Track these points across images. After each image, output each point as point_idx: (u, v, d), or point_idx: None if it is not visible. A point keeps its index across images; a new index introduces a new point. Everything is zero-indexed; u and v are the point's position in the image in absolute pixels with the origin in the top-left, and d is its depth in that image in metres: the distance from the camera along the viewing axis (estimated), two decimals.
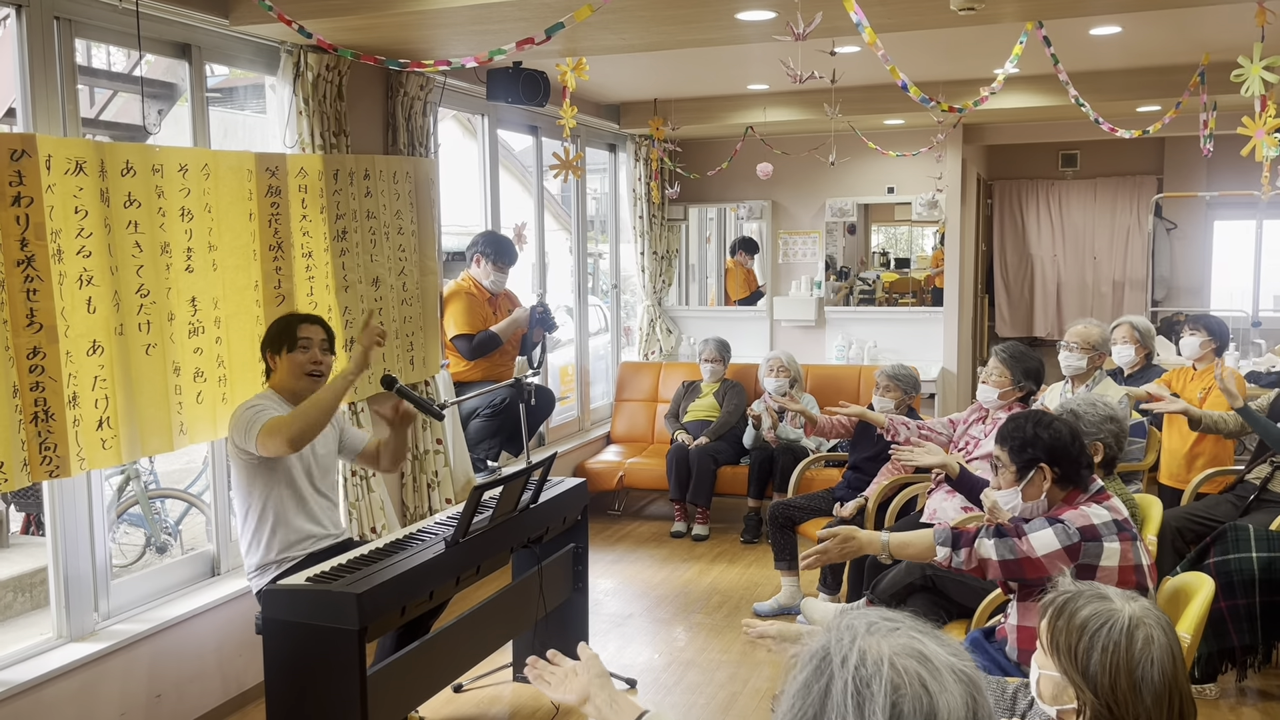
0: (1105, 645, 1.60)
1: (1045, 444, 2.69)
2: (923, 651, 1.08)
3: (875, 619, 1.13)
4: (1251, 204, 8.03)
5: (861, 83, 5.97)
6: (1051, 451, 2.69)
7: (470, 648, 3.41)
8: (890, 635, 1.10)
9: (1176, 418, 4.67)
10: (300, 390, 3.33)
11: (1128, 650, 1.58)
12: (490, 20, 3.75)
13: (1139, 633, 1.60)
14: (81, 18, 3.31)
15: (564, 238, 9.29)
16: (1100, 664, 1.59)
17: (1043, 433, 2.71)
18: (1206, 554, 3.73)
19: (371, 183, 4.37)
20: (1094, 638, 1.61)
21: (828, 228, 8.00)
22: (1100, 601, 1.66)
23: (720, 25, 3.88)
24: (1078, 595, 1.69)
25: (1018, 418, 2.82)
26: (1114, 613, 1.63)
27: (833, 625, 1.13)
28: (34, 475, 2.95)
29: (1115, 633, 1.60)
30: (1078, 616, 1.64)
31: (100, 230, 3.12)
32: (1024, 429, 2.74)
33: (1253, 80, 3.70)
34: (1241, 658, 3.75)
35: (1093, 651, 1.60)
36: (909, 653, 1.07)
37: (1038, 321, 9.36)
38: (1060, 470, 2.70)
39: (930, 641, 1.09)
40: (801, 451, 5.87)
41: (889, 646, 1.08)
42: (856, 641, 1.09)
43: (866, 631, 1.10)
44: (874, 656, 1.07)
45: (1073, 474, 2.71)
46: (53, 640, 3.33)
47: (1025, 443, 2.71)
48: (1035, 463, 2.70)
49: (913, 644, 1.09)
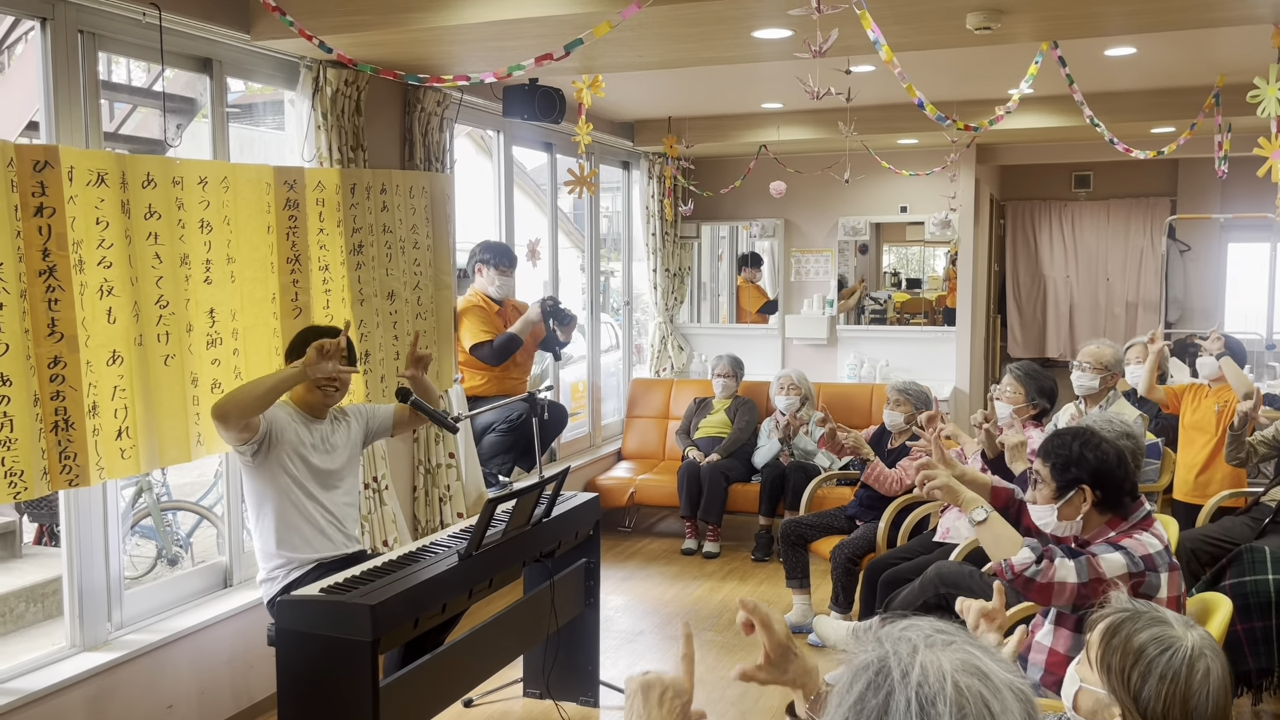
0: (1164, 673, 1.56)
1: (1090, 465, 2.57)
2: (982, 669, 1.04)
3: (930, 630, 1.08)
4: (1266, 226, 8.01)
5: (875, 102, 6.00)
6: (1096, 474, 2.57)
7: (482, 662, 3.41)
8: (949, 649, 1.05)
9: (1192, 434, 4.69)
10: (314, 402, 3.34)
11: (1186, 681, 1.55)
12: (509, 36, 3.78)
13: (1199, 664, 1.56)
14: (105, 31, 3.35)
15: (575, 255, 9.32)
16: (1156, 691, 1.56)
17: (1089, 453, 2.58)
18: (1222, 576, 3.71)
19: (388, 197, 4.39)
20: (1151, 664, 1.57)
21: (840, 246, 8.01)
22: (1160, 626, 1.62)
23: (737, 43, 3.91)
24: (1136, 616, 1.65)
25: (1064, 434, 2.68)
26: (1174, 640, 1.59)
27: (886, 635, 1.08)
28: (54, 484, 2.97)
29: (1176, 662, 1.56)
30: (1135, 639, 1.60)
31: (121, 241, 3.14)
32: (1070, 447, 2.61)
33: (1269, 101, 3.71)
34: (1258, 681, 3.71)
35: (1149, 677, 1.57)
36: (970, 670, 1.03)
37: (1050, 342, 9.33)
38: (1102, 494, 2.58)
39: (987, 657, 1.05)
40: (813, 469, 5.86)
41: (949, 662, 1.03)
42: (918, 655, 1.04)
43: (926, 645, 1.05)
44: (936, 673, 1.02)
45: (1114, 500, 2.59)
46: (66, 649, 3.34)
47: (1069, 461, 2.59)
48: (1077, 483, 2.58)
49: (972, 660, 1.04)
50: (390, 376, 4.40)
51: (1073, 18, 3.63)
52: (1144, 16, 3.60)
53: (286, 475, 3.26)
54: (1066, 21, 3.70)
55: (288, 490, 3.27)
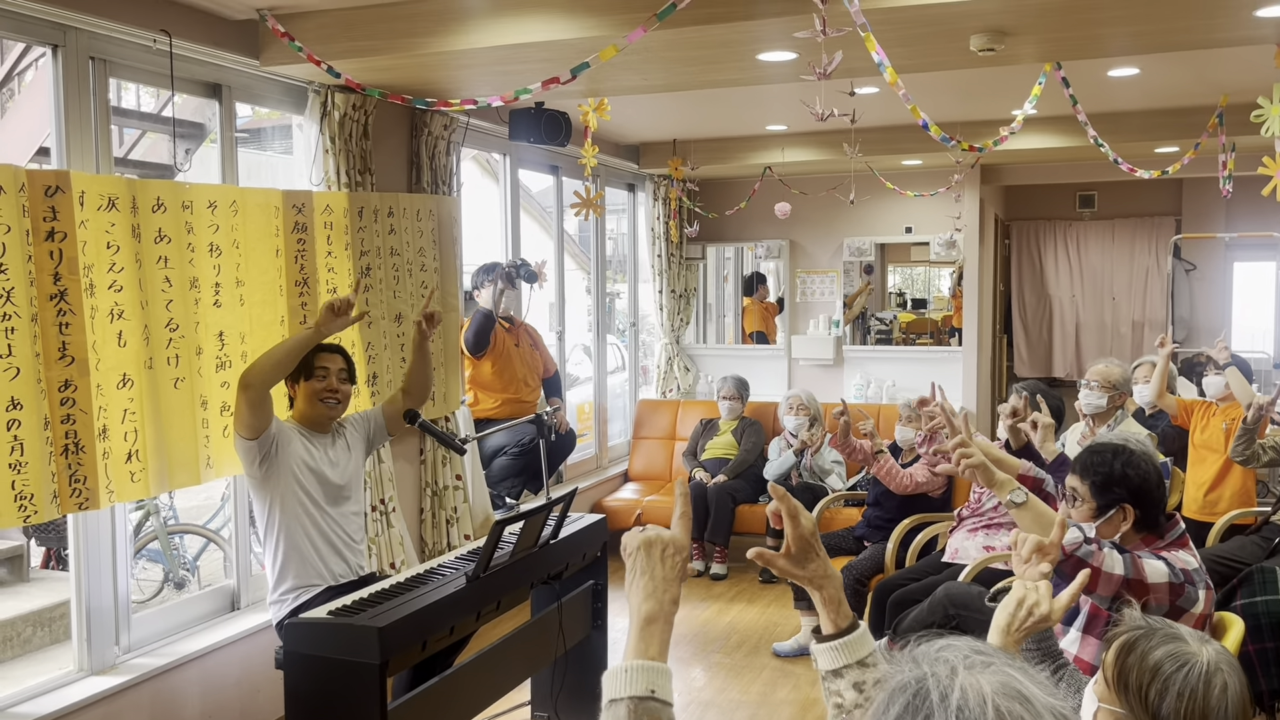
0: (1181, 690, 1.55)
1: (1133, 484, 2.51)
2: (1024, 692, 1.01)
3: (969, 651, 1.05)
4: (1272, 245, 8.02)
5: (879, 123, 6.02)
6: (1138, 493, 2.51)
7: (490, 684, 3.39)
8: (988, 671, 1.02)
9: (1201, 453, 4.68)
10: (316, 417, 3.36)
11: (1204, 698, 1.54)
12: (515, 61, 3.82)
13: (1216, 679, 1.55)
14: (116, 58, 3.39)
15: (581, 277, 9.35)
16: (1174, 709, 1.54)
17: (1131, 471, 2.52)
18: (1233, 596, 3.69)
19: (395, 220, 4.42)
20: (1169, 681, 1.56)
21: (845, 267, 8.03)
22: (1175, 643, 1.60)
23: (742, 66, 3.94)
24: (1151, 633, 1.63)
25: (1102, 450, 2.60)
26: (1190, 656, 1.57)
27: (922, 655, 1.06)
28: (64, 508, 2.98)
29: (1193, 678, 1.55)
30: (1151, 657, 1.59)
31: (131, 265, 3.17)
32: (1110, 465, 2.53)
33: (1273, 120, 3.72)
34: (1270, 702, 3.69)
35: (1166, 694, 1.55)
36: (1010, 693, 1.00)
37: (1056, 362, 9.33)
38: (1141, 513, 2.53)
39: (1027, 680, 1.03)
40: (821, 490, 5.85)
41: (989, 685, 1.01)
42: (957, 678, 1.01)
43: (965, 666, 1.03)
44: (976, 696, 0.99)
45: (1152, 519, 2.54)
46: (74, 673, 3.34)
47: (1111, 480, 2.53)
48: (1119, 502, 2.52)
49: (1011, 683, 1.01)
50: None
51: (1076, 39, 3.65)
52: (1147, 38, 3.63)
53: (295, 491, 3.27)
54: (1069, 43, 3.73)
55: (297, 507, 3.27)
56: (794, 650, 4.73)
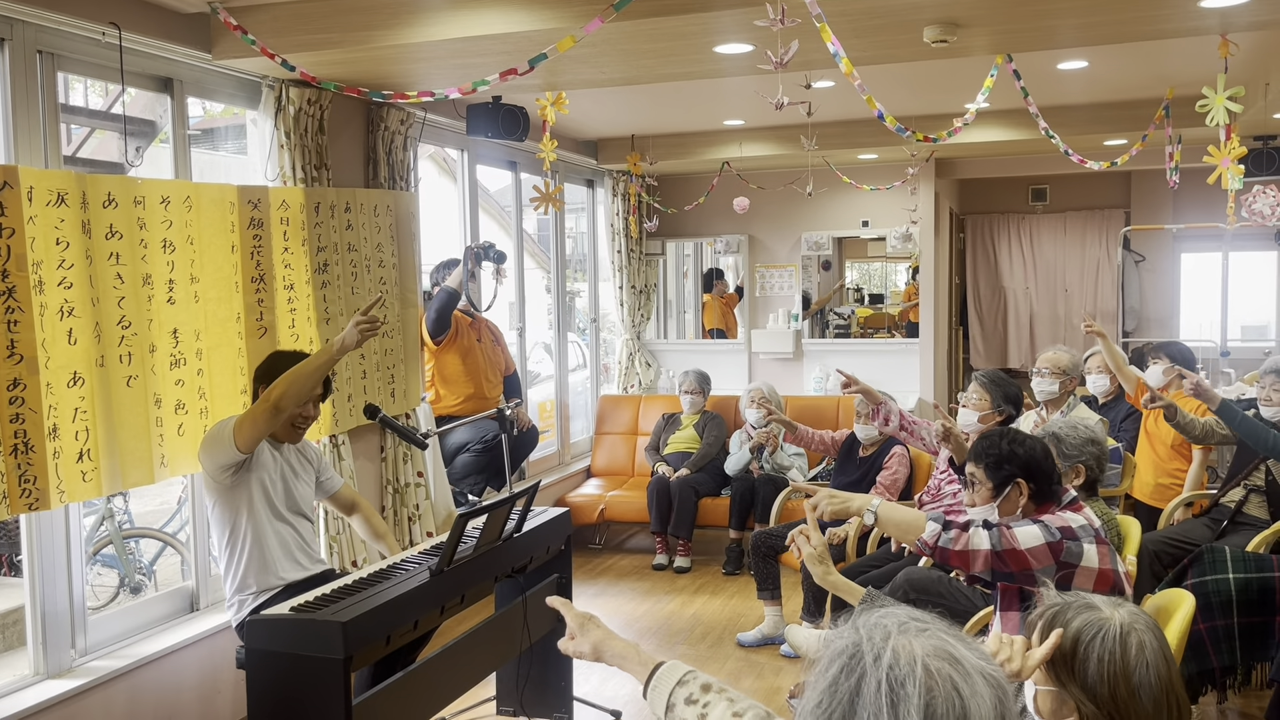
0: (1100, 655, 1.61)
1: (1021, 460, 2.72)
2: (953, 654, 1.07)
3: (905, 618, 1.11)
4: (1217, 236, 8.20)
5: (835, 118, 6.08)
6: (1027, 467, 2.72)
7: (455, 678, 3.38)
8: (921, 635, 1.08)
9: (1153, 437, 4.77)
10: (279, 435, 3.31)
11: (1123, 658, 1.60)
12: (472, 54, 3.80)
13: (1131, 639, 1.61)
14: (64, 51, 3.33)
15: (541, 276, 9.33)
16: (1098, 674, 1.60)
17: (1018, 449, 2.73)
18: (1184, 576, 3.76)
19: (353, 216, 4.38)
20: (1088, 648, 1.62)
21: (803, 262, 8.09)
22: (1089, 611, 1.66)
23: (699, 59, 3.95)
24: (1066, 608, 1.69)
25: (991, 435, 2.85)
26: (1104, 621, 1.64)
27: (862, 622, 1.11)
28: (13, 509, 2.92)
29: (1109, 641, 1.61)
30: (1070, 628, 1.65)
31: (82, 261, 3.11)
32: (999, 445, 2.76)
33: (1217, 110, 3.81)
34: (1221, 679, 3.77)
35: (1088, 662, 1.61)
36: (941, 655, 1.06)
37: (1011, 353, 9.46)
38: (1035, 485, 2.73)
39: (959, 644, 1.08)
40: (782, 482, 5.88)
41: (920, 647, 1.06)
42: (890, 640, 1.07)
43: (899, 630, 1.08)
44: (907, 656, 1.05)
45: (1046, 489, 2.74)
46: (29, 677, 3.28)
47: (1001, 459, 2.73)
48: (1012, 479, 2.72)
49: (944, 646, 1.07)
50: (357, 395, 4.37)
51: (1027, 30, 3.71)
52: (1096, 29, 3.69)
53: (259, 499, 3.23)
54: (1021, 34, 3.79)
55: (259, 515, 3.23)
56: (758, 640, 4.76)
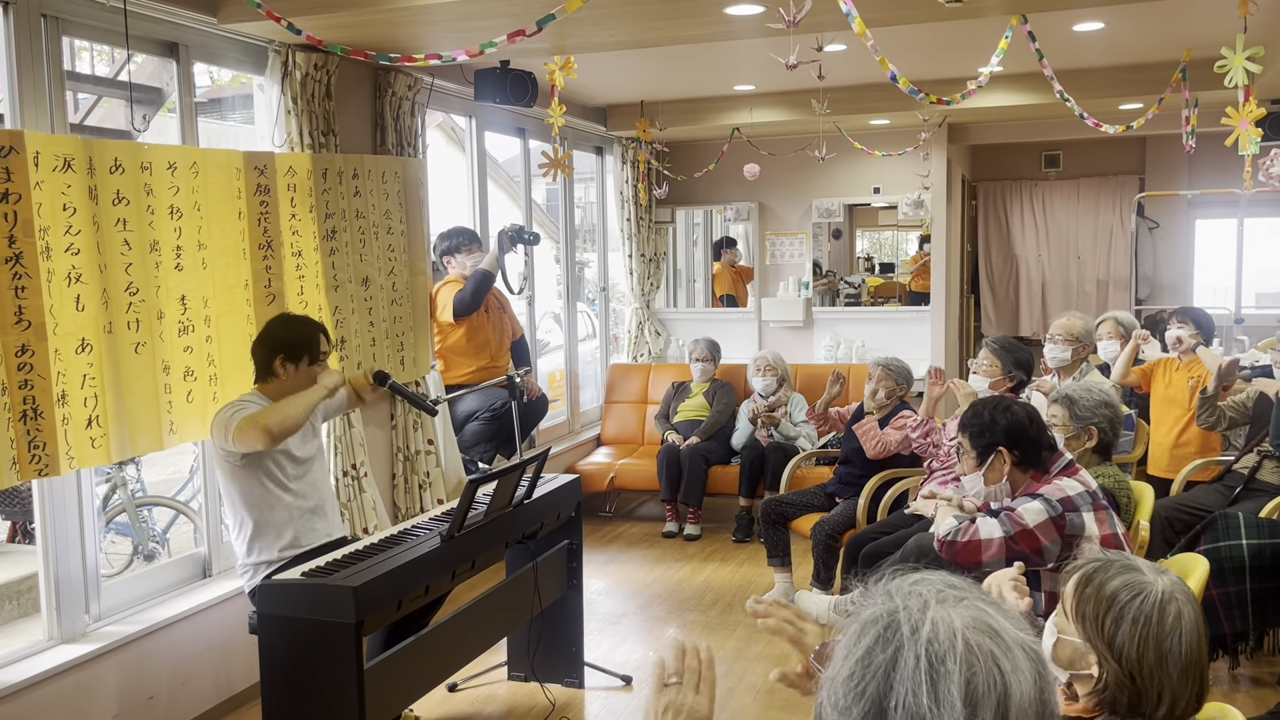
0: (1136, 617, 1.60)
1: (1003, 428, 2.77)
2: (994, 626, 1.01)
3: (942, 585, 1.05)
4: (1232, 202, 8.10)
5: (847, 82, 6.00)
6: (1009, 435, 2.76)
7: (466, 644, 3.40)
8: (960, 605, 1.03)
9: (1165, 408, 4.73)
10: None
11: (1159, 624, 1.58)
12: (479, 16, 3.76)
13: (1170, 607, 1.59)
14: (69, 15, 3.30)
15: (550, 246, 9.29)
16: (1129, 635, 1.59)
17: (1000, 417, 2.78)
18: (1196, 542, 3.75)
19: (360, 182, 4.36)
20: (1124, 609, 1.61)
21: (814, 230, 8.03)
22: (1131, 573, 1.65)
23: (708, 20, 3.90)
24: (1108, 564, 1.68)
25: (977, 405, 2.91)
26: (1146, 585, 1.62)
27: (896, 588, 1.06)
28: (23, 474, 2.93)
29: (1147, 606, 1.60)
30: (1108, 586, 1.64)
31: (89, 228, 3.10)
32: (981, 415, 2.81)
33: (1236, 71, 3.74)
34: (1233, 644, 3.77)
35: (1121, 622, 1.60)
36: (981, 627, 1.01)
37: (1023, 321, 9.41)
38: (1019, 453, 2.77)
39: (999, 614, 1.03)
40: (792, 450, 5.88)
41: (960, 619, 1.01)
42: (928, 611, 1.01)
43: (937, 600, 1.03)
44: (946, 630, 1.00)
45: (1032, 456, 2.77)
46: (44, 642, 3.30)
47: (983, 428, 2.79)
48: (994, 447, 2.78)
49: (983, 617, 1.02)
50: (366, 362, 4.37)
51: None
52: None
53: (270, 469, 3.24)
54: None
55: (269, 485, 3.24)
56: None
